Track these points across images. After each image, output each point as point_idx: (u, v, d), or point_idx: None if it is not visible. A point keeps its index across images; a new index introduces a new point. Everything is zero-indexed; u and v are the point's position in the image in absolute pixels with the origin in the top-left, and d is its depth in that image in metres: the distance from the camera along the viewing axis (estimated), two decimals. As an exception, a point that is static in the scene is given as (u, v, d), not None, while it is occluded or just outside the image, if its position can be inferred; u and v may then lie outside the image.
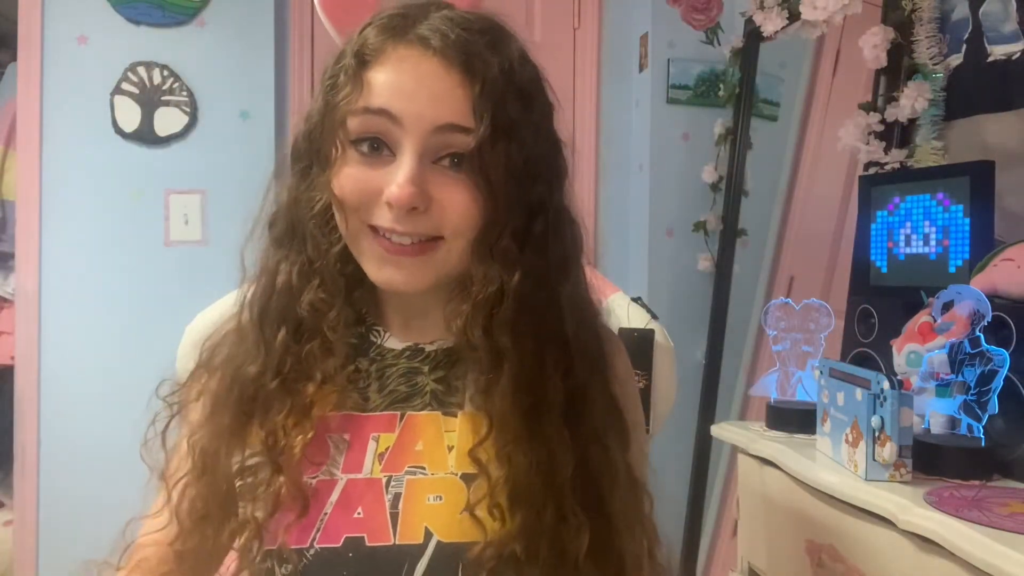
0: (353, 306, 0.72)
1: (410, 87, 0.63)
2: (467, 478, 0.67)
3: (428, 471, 0.68)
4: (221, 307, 0.84)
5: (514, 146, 0.64)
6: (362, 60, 0.65)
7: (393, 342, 0.74)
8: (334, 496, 0.67)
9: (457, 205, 0.64)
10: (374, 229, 0.66)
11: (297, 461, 0.65)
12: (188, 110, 2.34)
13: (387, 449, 0.69)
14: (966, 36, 1.54)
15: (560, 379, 0.67)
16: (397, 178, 0.62)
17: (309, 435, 0.66)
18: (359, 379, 0.71)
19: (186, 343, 1.09)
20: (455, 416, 0.71)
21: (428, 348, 0.73)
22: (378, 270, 0.67)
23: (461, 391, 0.71)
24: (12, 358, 2.30)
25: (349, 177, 0.65)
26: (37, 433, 2.27)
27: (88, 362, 2.27)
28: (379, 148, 0.65)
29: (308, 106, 0.70)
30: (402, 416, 0.70)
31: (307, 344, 0.68)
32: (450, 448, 0.69)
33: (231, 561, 0.67)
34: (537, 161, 0.67)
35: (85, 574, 0.67)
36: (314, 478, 0.67)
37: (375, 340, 0.74)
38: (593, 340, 0.73)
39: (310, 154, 0.69)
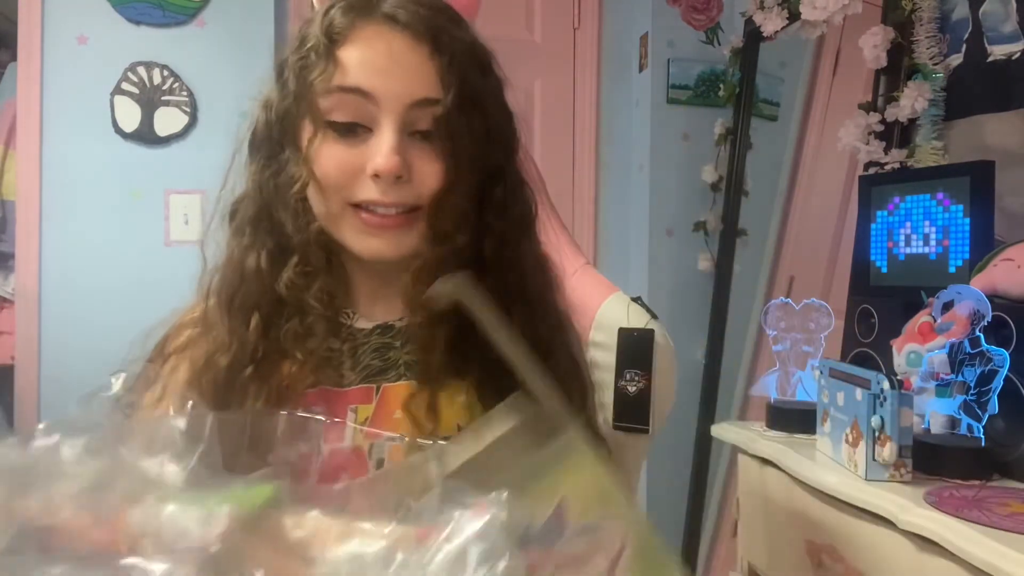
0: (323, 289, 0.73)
1: (382, 64, 0.66)
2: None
3: (408, 439, 0.69)
4: None
5: (477, 115, 0.68)
6: (331, 39, 0.67)
7: (362, 322, 0.75)
8: (315, 466, 0.67)
9: (433, 174, 0.67)
10: (355, 206, 0.68)
11: None
12: (188, 110, 2.33)
13: (366, 420, 0.71)
14: (966, 36, 1.54)
15: (527, 336, 0.68)
16: (381, 149, 0.65)
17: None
18: (332, 357, 0.72)
19: None
20: None
21: (398, 324, 0.74)
22: (362, 243, 0.69)
23: None
24: (12, 358, 2.30)
25: (329, 157, 0.67)
26: (37, 433, 2.27)
27: (88, 362, 2.26)
28: (355, 129, 0.67)
29: (264, 95, 0.73)
30: (378, 389, 0.72)
31: (287, 323, 0.69)
32: None
33: None
34: (497, 129, 0.71)
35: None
36: None
37: (344, 322, 0.75)
38: (553, 297, 0.76)
39: (280, 138, 0.71)
